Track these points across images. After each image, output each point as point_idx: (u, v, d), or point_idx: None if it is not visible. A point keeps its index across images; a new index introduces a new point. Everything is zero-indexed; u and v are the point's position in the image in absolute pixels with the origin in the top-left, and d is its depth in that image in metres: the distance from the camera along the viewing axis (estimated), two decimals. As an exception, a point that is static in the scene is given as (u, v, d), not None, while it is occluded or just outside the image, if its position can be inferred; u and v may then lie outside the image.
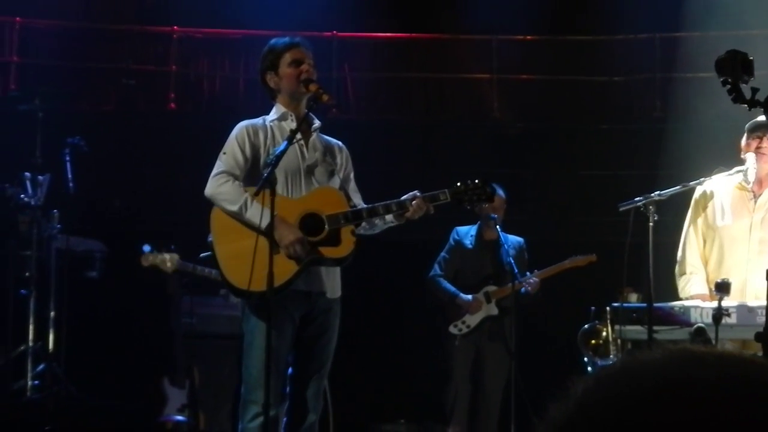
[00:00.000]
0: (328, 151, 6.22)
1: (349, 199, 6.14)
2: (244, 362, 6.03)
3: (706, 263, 6.84)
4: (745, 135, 6.74)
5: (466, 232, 9.32)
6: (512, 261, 8.65)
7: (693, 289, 6.74)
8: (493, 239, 9.04)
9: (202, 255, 8.03)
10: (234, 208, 5.90)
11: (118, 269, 10.26)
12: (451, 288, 9.12)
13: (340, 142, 6.35)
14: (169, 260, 8.38)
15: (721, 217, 6.77)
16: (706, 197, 6.84)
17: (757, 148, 6.65)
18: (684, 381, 1.12)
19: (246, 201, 5.89)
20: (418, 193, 5.97)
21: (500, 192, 9.04)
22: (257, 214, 5.82)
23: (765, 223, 6.67)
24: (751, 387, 1.11)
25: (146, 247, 8.53)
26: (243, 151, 6.04)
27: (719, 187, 6.83)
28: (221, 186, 5.96)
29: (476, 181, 6.09)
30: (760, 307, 6.12)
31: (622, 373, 1.16)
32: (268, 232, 5.71)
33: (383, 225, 6.17)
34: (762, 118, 6.41)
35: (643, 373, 1.14)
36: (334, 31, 13.64)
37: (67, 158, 9.67)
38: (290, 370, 6.08)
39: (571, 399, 1.16)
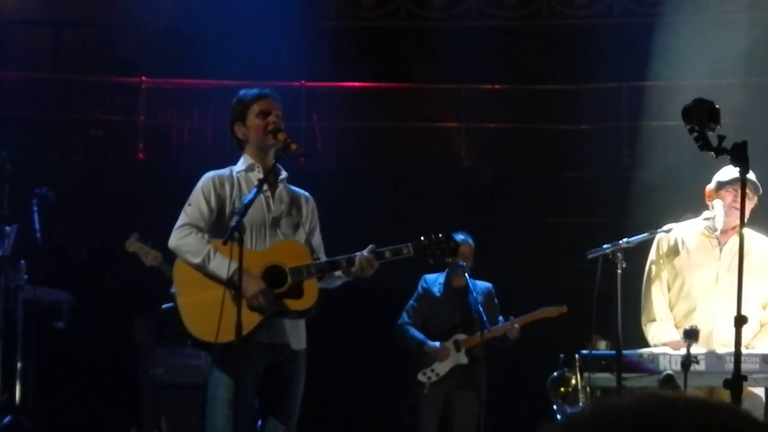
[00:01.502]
0: (294, 202, 6.19)
1: (313, 251, 6.13)
2: (207, 414, 5.94)
3: (672, 310, 6.83)
4: (717, 184, 6.72)
5: (435, 280, 9.31)
6: (480, 309, 8.58)
7: (667, 336, 6.71)
8: (461, 287, 9.00)
9: (164, 306, 7.98)
10: (197, 260, 5.87)
11: (85, 320, 10.20)
12: (419, 335, 9.09)
13: (307, 193, 6.31)
14: (151, 255, 8.23)
15: (688, 264, 6.78)
16: (670, 245, 6.85)
17: (734, 200, 6.62)
18: (656, 425, 1.12)
19: (209, 253, 5.86)
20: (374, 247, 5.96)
21: (469, 240, 9.06)
22: (221, 265, 5.81)
23: (731, 271, 6.63)
24: (720, 430, 1.11)
25: (134, 234, 8.40)
26: (208, 203, 6.00)
27: (684, 234, 6.84)
28: (184, 238, 5.93)
29: (440, 235, 6.05)
30: (728, 354, 6.12)
31: (593, 417, 1.15)
32: (233, 284, 5.69)
33: (341, 279, 6.15)
34: (729, 169, 6.44)
35: (615, 418, 1.14)
36: (303, 81, 13.67)
37: (35, 209, 9.62)
38: (259, 422, 6.04)
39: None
